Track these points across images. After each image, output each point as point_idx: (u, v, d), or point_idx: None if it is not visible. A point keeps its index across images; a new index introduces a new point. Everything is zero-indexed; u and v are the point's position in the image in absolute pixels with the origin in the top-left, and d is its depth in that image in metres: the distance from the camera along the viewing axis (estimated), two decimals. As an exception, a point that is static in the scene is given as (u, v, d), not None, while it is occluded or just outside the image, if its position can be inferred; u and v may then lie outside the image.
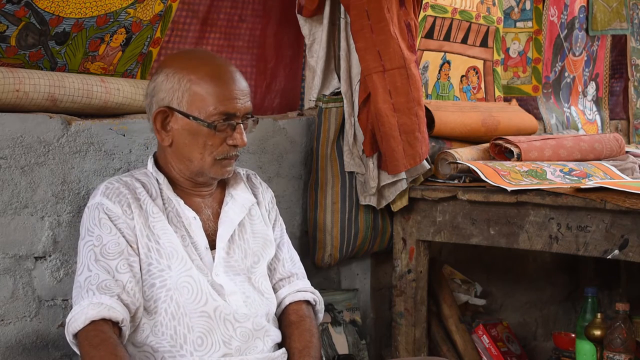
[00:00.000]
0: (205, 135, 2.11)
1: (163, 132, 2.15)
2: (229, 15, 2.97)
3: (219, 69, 2.15)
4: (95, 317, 1.96)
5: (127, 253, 2.07)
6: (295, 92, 3.20)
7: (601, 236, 2.47)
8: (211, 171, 2.16)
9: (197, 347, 2.07)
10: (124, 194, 2.12)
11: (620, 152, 3.25)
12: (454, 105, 3.27)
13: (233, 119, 2.13)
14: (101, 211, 2.09)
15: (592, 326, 2.92)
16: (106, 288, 2.01)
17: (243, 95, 2.14)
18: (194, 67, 2.13)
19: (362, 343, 2.96)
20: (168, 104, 2.12)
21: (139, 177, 2.19)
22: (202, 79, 2.11)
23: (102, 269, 2.03)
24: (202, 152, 2.13)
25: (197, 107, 2.10)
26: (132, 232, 2.09)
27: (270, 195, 2.40)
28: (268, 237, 2.30)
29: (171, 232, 2.12)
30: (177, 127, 2.13)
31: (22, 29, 2.28)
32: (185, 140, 2.13)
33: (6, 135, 2.22)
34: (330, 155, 2.87)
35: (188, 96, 2.11)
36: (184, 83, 2.11)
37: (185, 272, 2.09)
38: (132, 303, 2.03)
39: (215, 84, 2.11)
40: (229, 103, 2.11)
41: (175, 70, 2.13)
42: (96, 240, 2.07)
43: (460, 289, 3.42)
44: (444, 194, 2.83)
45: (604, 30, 4.30)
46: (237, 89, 2.13)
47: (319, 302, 2.36)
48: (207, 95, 2.10)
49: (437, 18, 3.27)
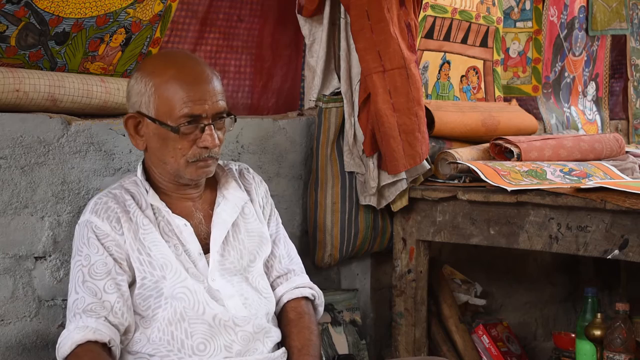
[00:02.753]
0: (173, 139, 2.09)
1: (137, 136, 2.14)
2: (228, 15, 2.97)
3: (185, 71, 2.10)
4: (81, 341, 1.98)
5: (114, 272, 2.06)
6: (294, 91, 3.20)
7: (601, 236, 2.47)
8: (187, 173, 2.13)
9: (197, 351, 2.06)
10: (112, 209, 2.11)
11: (620, 152, 3.25)
12: (454, 105, 3.27)
13: (200, 120, 2.09)
14: (89, 229, 2.09)
15: (592, 326, 2.92)
16: (92, 311, 2.02)
17: (211, 96, 2.10)
18: (159, 71, 2.10)
19: (362, 343, 2.96)
20: (138, 108, 2.12)
21: (128, 187, 2.17)
22: (166, 82, 2.08)
23: (88, 291, 2.04)
24: (173, 156, 2.11)
25: (163, 112, 2.08)
26: (121, 248, 2.08)
27: (265, 189, 2.37)
28: (263, 234, 2.28)
29: (162, 243, 2.11)
30: (147, 131, 2.12)
31: (22, 29, 2.28)
32: (156, 145, 2.12)
33: (6, 135, 2.22)
34: (330, 155, 2.87)
35: (154, 100, 2.09)
36: (149, 87, 2.09)
37: (179, 283, 2.08)
38: (120, 323, 2.04)
39: (179, 87, 2.07)
40: (193, 105, 2.07)
41: (143, 74, 2.12)
42: (84, 260, 2.07)
43: (460, 289, 3.42)
44: (444, 194, 2.83)
45: (603, 30, 4.30)
46: (203, 90, 2.09)
47: (318, 297, 2.35)
48: (172, 98, 2.07)
49: (437, 18, 3.27)
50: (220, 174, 2.29)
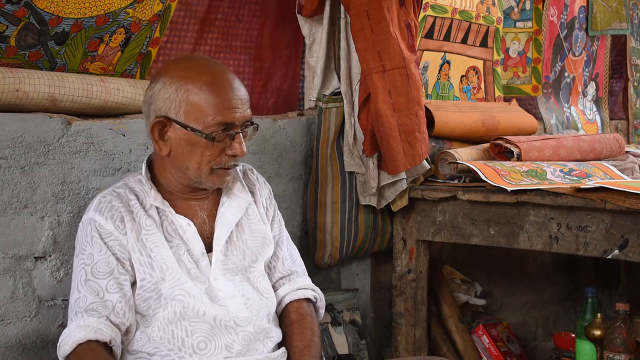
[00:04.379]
0: (203, 146, 2.08)
1: (161, 141, 2.11)
2: (227, 15, 2.97)
3: (217, 78, 2.09)
4: (82, 340, 1.98)
5: (117, 272, 2.06)
6: (293, 91, 3.20)
7: (601, 236, 2.47)
8: (208, 181, 2.13)
9: (198, 350, 2.06)
10: (116, 208, 2.10)
11: (620, 152, 3.25)
12: (454, 105, 3.27)
13: (232, 128, 2.09)
14: (93, 228, 2.08)
15: (592, 326, 2.92)
16: (94, 310, 2.02)
17: (242, 104, 2.10)
18: (191, 76, 2.07)
19: (362, 343, 2.96)
20: (165, 113, 2.08)
21: (133, 187, 2.16)
22: (199, 88, 2.06)
23: (90, 291, 2.04)
24: (199, 162, 2.10)
25: (195, 118, 2.06)
26: (124, 248, 2.08)
27: (268, 190, 2.37)
28: (267, 235, 2.29)
29: (164, 245, 2.10)
30: (174, 136, 2.09)
31: (21, 29, 2.28)
32: (183, 150, 2.10)
33: (6, 135, 2.22)
34: (330, 155, 2.87)
35: (185, 106, 2.06)
36: (181, 93, 2.06)
37: (179, 286, 2.08)
38: (122, 323, 2.04)
39: (213, 93, 2.06)
40: (227, 113, 2.07)
41: (173, 79, 2.08)
42: (87, 259, 2.07)
43: (460, 289, 3.42)
44: (444, 194, 2.83)
45: (603, 30, 4.30)
46: (235, 97, 2.09)
47: (320, 299, 2.35)
48: (205, 105, 2.06)
49: (437, 18, 3.27)
50: None
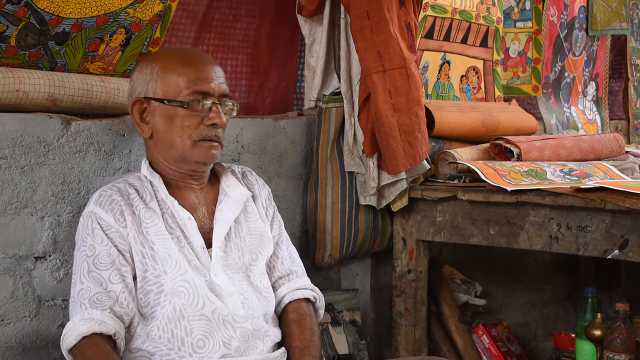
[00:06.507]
0: (181, 116, 2.14)
1: (142, 124, 2.20)
2: (224, 16, 2.98)
3: (189, 54, 2.24)
4: (87, 333, 1.98)
5: (118, 263, 2.07)
6: (289, 90, 3.21)
7: (601, 236, 2.47)
8: (193, 154, 2.16)
9: (197, 349, 2.07)
10: (116, 202, 2.12)
11: (620, 152, 3.25)
12: (454, 105, 3.27)
13: (208, 97, 2.16)
14: (94, 220, 2.10)
15: (592, 326, 2.92)
16: (98, 302, 2.02)
17: (217, 77, 2.18)
18: (164, 56, 2.22)
19: (362, 343, 2.96)
20: (144, 95, 2.18)
21: (132, 182, 2.19)
22: (172, 63, 2.17)
23: (94, 281, 2.04)
24: (181, 136, 2.15)
25: (171, 91, 2.15)
26: (124, 240, 2.10)
27: (267, 191, 2.40)
28: (265, 234, 2.29)
29: (165, 236, 2.12)
30: (154, 115, 2.17)
31: (21, 29, 2.28)
32: (164, 127, 2.16)
33: (6, 135, 2.22)
34: (330, 155, 2.87)
35: (161, 82, 2.16)
36: (156, 71, 2.17)
37: (180, 276, 2.09)
38: (126, 314, 2.05)
39: (186, 67, 2.16)
40: (201, 83, 2.15)
41: (148, 62, 2.21)
42: (89, 251, 2.08)
43: (460, 289, 3.42)
44: (444, 194, 2.83)
45: (603, 30, 4.30)
46: (209, 70, 2.18)
47: (319, 299, 2.36)
48: (179, 78, 2.15)
49: (437, 18, 3.27)
50: (221, 172, 2.31)
